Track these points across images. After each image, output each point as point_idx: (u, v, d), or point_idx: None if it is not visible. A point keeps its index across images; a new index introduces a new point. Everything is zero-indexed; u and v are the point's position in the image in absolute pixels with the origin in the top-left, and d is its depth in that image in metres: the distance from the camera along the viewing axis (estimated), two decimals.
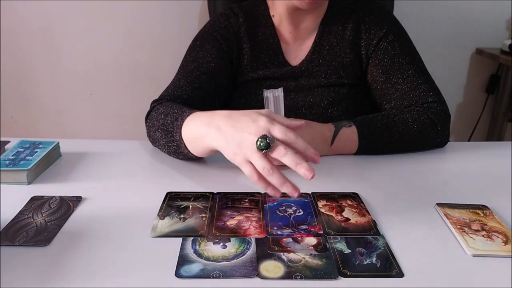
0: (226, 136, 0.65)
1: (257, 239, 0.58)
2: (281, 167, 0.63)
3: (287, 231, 0.60)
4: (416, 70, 0.93)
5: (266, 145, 0.60)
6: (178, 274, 0.51)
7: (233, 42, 0.98)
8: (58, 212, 0.64)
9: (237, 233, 0.59)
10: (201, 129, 0.69)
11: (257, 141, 0.61)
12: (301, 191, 0.70)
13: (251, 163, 0.62)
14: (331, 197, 0.69)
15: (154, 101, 0.90)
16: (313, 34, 0.98)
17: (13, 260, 0.53)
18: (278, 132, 0.62)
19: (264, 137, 0.61)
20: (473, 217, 0.64)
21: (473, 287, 0.50)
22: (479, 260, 0.55)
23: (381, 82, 0.95)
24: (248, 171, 0.63)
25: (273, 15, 0.99)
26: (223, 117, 0.67)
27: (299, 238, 0.58)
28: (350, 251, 0.56)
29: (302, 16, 0.96)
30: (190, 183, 0.74)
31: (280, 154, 0.60)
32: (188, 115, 0.73)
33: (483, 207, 0.67)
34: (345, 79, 0.96)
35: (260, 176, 0.62)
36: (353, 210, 0.65)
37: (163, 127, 0.78)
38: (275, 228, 0.60)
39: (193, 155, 0.74)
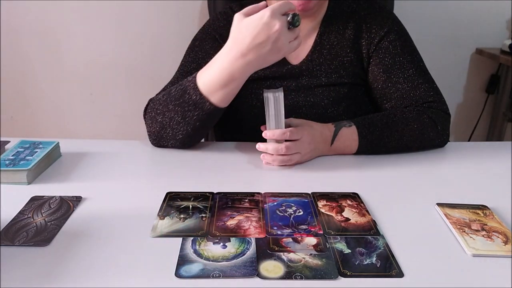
0: (254, 56, 0.75)
1: (257, 239, 0.58)
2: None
3: (287, 231, 0.60)
4: (417, 70, 0.93)
5: (298, 19, 0.73)
6: (178, 274, 0.51)
7: None
8: (58, 212, 0.64)
9: (237, 233, 0.59)
10: (227, 71, 0.77)
11: (290, 18, 0.72)
12: (301, 191, 0.71)
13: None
14: (331, 197, 0.69)
15: (151, 99, 0.90)
16: (314, 34, 0.98)
17: (13, 260, 0.53)
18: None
19: (294, 15, 0.72)
20: (473, 217, 0.64)
21: (473, 287, 0.50)
22: (479, 260, 0.55)
23: (382, 81, 0.95)
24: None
25: None
26: (239, 46, 0.75)
27: (299, 238, 0.58)
28: (350, 251, 0.56)
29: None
30: (190, 183, 0.74)
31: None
32: (196, 74, 0.81)
33: (483, 207, 0.67)
34: (345, 79, 0.96)
35: None
36: (353, 210, 0.65)
37: (172, 96, 0.83)
38: (275, 228, 0.60)
39: (214, 105, 0.80)
